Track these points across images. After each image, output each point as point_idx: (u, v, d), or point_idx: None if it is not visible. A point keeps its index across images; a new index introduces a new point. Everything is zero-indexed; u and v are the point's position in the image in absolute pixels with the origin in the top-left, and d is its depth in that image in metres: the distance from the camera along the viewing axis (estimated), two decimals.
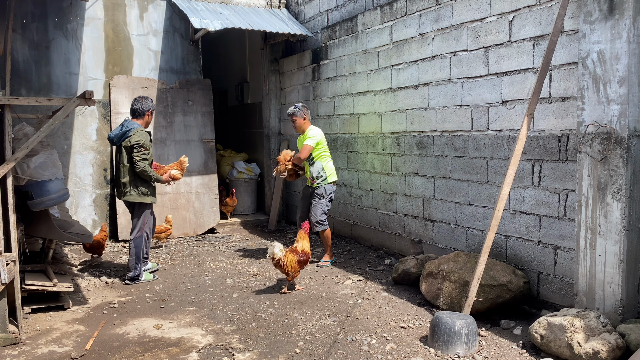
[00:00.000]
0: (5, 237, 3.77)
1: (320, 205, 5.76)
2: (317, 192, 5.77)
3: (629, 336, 3.25)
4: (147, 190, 5.24)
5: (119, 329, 4.07)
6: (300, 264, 4.84)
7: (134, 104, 5.32)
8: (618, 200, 3.46)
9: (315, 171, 5.77)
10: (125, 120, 5.24)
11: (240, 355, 3.57)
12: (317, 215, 5.75)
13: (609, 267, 3.53)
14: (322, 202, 5.77)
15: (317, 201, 5.76)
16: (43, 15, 6.81)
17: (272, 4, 8.31)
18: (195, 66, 7.83)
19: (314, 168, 5.77)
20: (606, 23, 3.47)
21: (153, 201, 5.31)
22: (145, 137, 5.15)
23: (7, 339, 3.72)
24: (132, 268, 5.24)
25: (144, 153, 5.09)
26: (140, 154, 5.08)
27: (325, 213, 5.80)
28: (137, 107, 5.30)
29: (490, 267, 4.16)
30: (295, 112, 5.79)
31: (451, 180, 5.15)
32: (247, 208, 9.01)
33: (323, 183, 5.78)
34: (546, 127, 4.16)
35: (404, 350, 3.60)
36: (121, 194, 5.22)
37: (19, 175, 4.09)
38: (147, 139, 5.17)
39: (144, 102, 5.32)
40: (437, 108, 5.27)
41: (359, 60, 6.46)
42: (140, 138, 5.08)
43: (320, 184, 5.77)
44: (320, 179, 5.77)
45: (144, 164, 5.09)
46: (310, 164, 5.79)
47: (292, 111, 5.82)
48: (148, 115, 5.35)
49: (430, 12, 5.28)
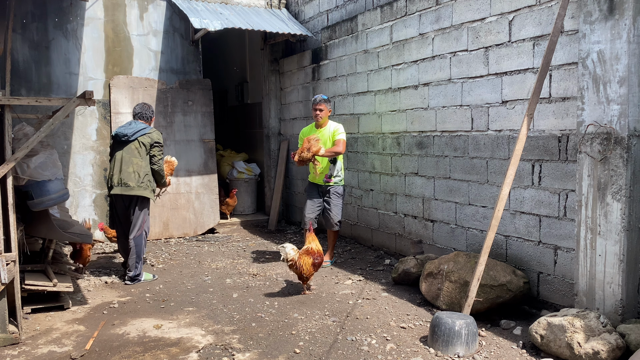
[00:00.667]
0: (5, 237, 3.77)
1: (340, 204, 5.72)
2: (336, 191, 5.69)
3: (629, 336, 3.25)
4: (154, 186, 5.35)
5: (119, 329, 4.07)
6: (315, 266, 4.78)
7: (142, 109, 5.42)
8: (618, 200, 3.46)
9: (335, 170, 5.67)
10: (133, 121, 5.33)
11: (240, 355, 3.57)
12: (339, 215, 5.71)
13: (609, 267, 3.53)
14: (340, 201, 5.73)
15: (337, 200, 5.69)
16: (43, 15, 6.81)
17: (272, 4, 8.31)
18: (195, 66, 7.83)
19: (335, 167, 5.66)
20: (606, 23, 3.47)
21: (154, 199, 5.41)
22: (161, 137, 5.37)
23: (7, 339, 3.72)
24: (133, 267, 5.22)
25: (162, 152, 5.33)
26: (161, 153, 5.30)
27: None
28: (145, 111, 5.42)
29: (490, 267, 4.16)
30: (325, 102, 5.58)
31: (451, 180, 5.15)
32: (247, 208, 9.01)
33: (340, 183, 5.73)
34: (546, 127, 4.16)
35: (404, 351, 3.60)
36: (129, 189, 5.13)
37: (19, 175, 4.09)
38: (162, 139, 5.39)
39: (149, 107, 5.50)
40: (437, 108, 5.27)
41: (359, 61, 6.46)
42: (160, 137, 5.30)
43: (337, 183, 5.71)
44: (337, 179, 5.71)
45: (161, 162, 5.32)
46: (332, 161, 5.65)
47: (320, 99, 5.55)
48: (152, 120, 5.52)
49: (430, 12, 5.28)
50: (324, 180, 5.69)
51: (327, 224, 5.81)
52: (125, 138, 5.18)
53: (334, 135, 5.59)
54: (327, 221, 5.80)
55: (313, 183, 5.79)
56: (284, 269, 5.70)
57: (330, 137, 5.62)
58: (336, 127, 5.64)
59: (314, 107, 5.62)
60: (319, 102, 5.57)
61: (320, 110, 5.58)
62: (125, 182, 5.14)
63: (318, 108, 5.58)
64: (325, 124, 5.69)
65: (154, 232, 7.29)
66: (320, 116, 5.60)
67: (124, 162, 5.17)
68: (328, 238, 5.92)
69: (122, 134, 5.20)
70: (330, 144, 5.60)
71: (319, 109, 5.58)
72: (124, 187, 5.16)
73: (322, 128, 5.68)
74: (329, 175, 5.67)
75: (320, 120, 5.64)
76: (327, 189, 5.71)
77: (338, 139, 5.55)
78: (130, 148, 5.19)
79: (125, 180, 5.14)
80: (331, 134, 5.62)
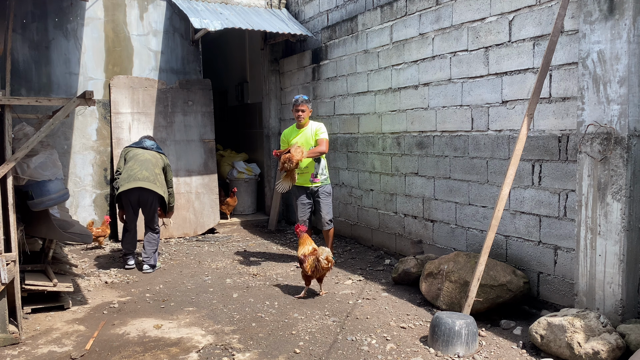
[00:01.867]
0: (5, 237, 3.77)
1: (329, 203, 5.74)
2: (325, 190, 5.71)
3: (629, 336, 3.25)
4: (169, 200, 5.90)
5: (119, 329, 4.07)
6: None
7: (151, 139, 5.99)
8: (618, 200, 3.46)
9: (319, 168, 5.68)
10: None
11: (240, 355, 3.57)
12: (330, 214, 5.74)
13: (609, 267, 3.53)
14: (330, 200, 5.75)
15: (326, 199, 5.71)
16: (43, 15, 6.81)
17: (272, 4, 8.31)
18: (195, 66, 7.83)
19: (320, 165, 5.68)
20: (606, 23, 3.47)
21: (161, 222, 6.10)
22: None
23: (7, 339, 3.72)
24: (151, 256, 5.67)
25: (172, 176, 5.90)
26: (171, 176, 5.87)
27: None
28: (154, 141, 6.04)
29: (490, 267, 4.16)
30: (307, 102, 5.60)
31: (451, 180, 5.15)
32: (247, 208, 9.00)
33: (325, 182, 5.74)
34: (546, 127, 4.16)
35: (404, 351, 3.60)
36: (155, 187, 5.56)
37: (19, 175, 4.09)
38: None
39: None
40: (437, 108, 5.27)
41: (359, 61, 6.46)
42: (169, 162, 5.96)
43: (323, 182, 5.72)
44: (323, 177, 5.72)
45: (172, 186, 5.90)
46: (316, 160, 5.66)
47: (302, 100, 5.57)
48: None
49: (430, 12, 5.28)
50: (310, 180, 5.69)
51: (319, 223, 5.81)
52: (151, 148, 5.75)
53: (316, 134, 5.61)
54: (319, 221, 5.81)
55: (300, 186, 5.74)
56: (284, 269, 5.70)
57: (313, 137, 5.63)
58: (318, 126, 5.65)
59: (295, 107, 5.62)
60: (301, 102, 5.58)
61: (303, 111, 5.59)
62: (152, 180, 5.54)
63: (300, 109, 5.59)
64: (307, 124, 5.71)
65: None
66: (302, 117, 5.62)
67: (151, 164, 5.64)
68: (325, 239, 5.92)
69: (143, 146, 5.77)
70: (312, 143, 5.62)
71: (301, 110, 5.59)
72: (150, 183, 5.52)
73: (304, 128, 5.70)
74: (314, 175, 5.68)
75: (302, 121, 5.67)
76: (316, 190, 5.71)
77: (321, 139, 5.57)
78: (155, 156, 5.72)
79: (152, 179, 5.54)
80: (313, 134, 5.63)
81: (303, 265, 4.69)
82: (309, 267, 4.64)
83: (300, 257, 4.75)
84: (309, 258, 4.67)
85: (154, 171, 5.61)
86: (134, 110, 7.32)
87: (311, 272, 4.65)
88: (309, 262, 4.65)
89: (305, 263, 4.67)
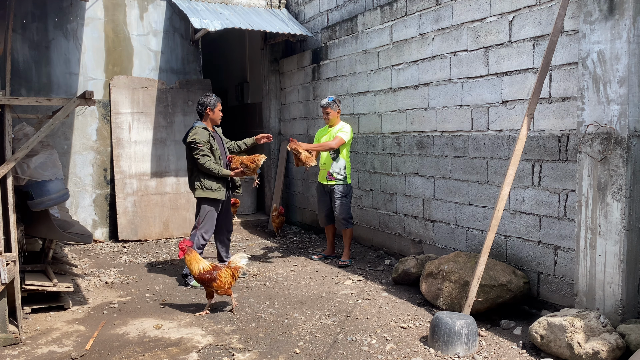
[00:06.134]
0: (5, 237, 3.77)
1: (344, 203, 5.80)
2: (340, 190, 5.77)
3: (629, 336, 3.25)
4: (212, 184, 5.13)
5: (119, 329, 4.07)
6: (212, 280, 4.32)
7: (196, 105, 5.36)
8: (618, 201, 3.46)
9: (337, 168, 5.77)
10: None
11: (240, 355, 3.57)
12: (344, 213, 5.80)
13: (609, 267, 3.53)
14: (345, 200, 5.81)
15: (340, 199, 5.77)
16: (43, 15, 6.81)
17: (272, 4, 8.31)
18: (195, 66, 7.83)
19: (337, 164, 5.77)
20: (606, 23, 3.47)
21: (220, 196, 5.16)
22: (201, 134, 5.07)
23: (7, 339, 3.72)
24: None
25: (201, 149, 5.04)
26: (199, 150, 5.04)
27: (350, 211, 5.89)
28: (197, 107, 5.33)
29: (490, 267, 4.16)
30: (330, 105, 5.80)
31: (451, 180, 5.15)
32: (247, 208, 9.00)
33: (342, 182, 5.79)
34: (546, 127, 4.16)
35: (404, 351, 3.60)
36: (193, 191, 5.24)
37: (19, 175, 4.09)
38: (204, 136, 5.08)
39: (201, 100, 5.27)
40: (437, 108, 5.27)
41: (359, 61, 6.46)
42: (195, 136, 5.05)
43: (339, 182, 5.77)
44: (340, 177, 5.78)
45: (204, 160, 5.04)
46: (334, 159, 5.79)
47: (326, 103, 5.81)
48: (209, 111, 5.25)
49: (430, 12, 5.28)
50: (326, 177, 5.85)
51: (336, 223, 5.95)
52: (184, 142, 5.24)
53: (337, 132, 5.77)
54: (335, 221, 5.94)
55: (320, 183, 5.98)
56: (284, 269, 5.70)
57: (333, 135, 5.79)
58: (341, 126, 5.84)
59: (322, 110, 5.90)
60: (326, 106, 5.82)
61: (328, 113, 5.85)
62: (190, 184, 5.27)
63: (325, 112, 5.87)
64: (336, 124, 5.88)
65: (154, 232, 7.30)
66: (328, 118, 5.87)
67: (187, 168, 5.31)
68: (343, 238, 6.03)
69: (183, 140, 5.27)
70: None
71: (326, 112, 5.85)
72: (191, 188, 5.28)
73: (332, 127, 5.91)
74: (330, 173, 5.79)
75: (328, 122, 5.92)
76: (331, 188, 5.82)
77: (338, 136, 5.71)
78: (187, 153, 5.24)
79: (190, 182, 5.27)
80: (335, 132, 5.79)
81: (215, 283, 4.28)
82: (224, 282, 4.28)
83: (201, 275, 4.29)
84: (222, 272, 4.30)
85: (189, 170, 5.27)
86: (134, 110, 7.32)
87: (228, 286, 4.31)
88: (223, 276, 4.28)
89: (218, 279, 4.26)
